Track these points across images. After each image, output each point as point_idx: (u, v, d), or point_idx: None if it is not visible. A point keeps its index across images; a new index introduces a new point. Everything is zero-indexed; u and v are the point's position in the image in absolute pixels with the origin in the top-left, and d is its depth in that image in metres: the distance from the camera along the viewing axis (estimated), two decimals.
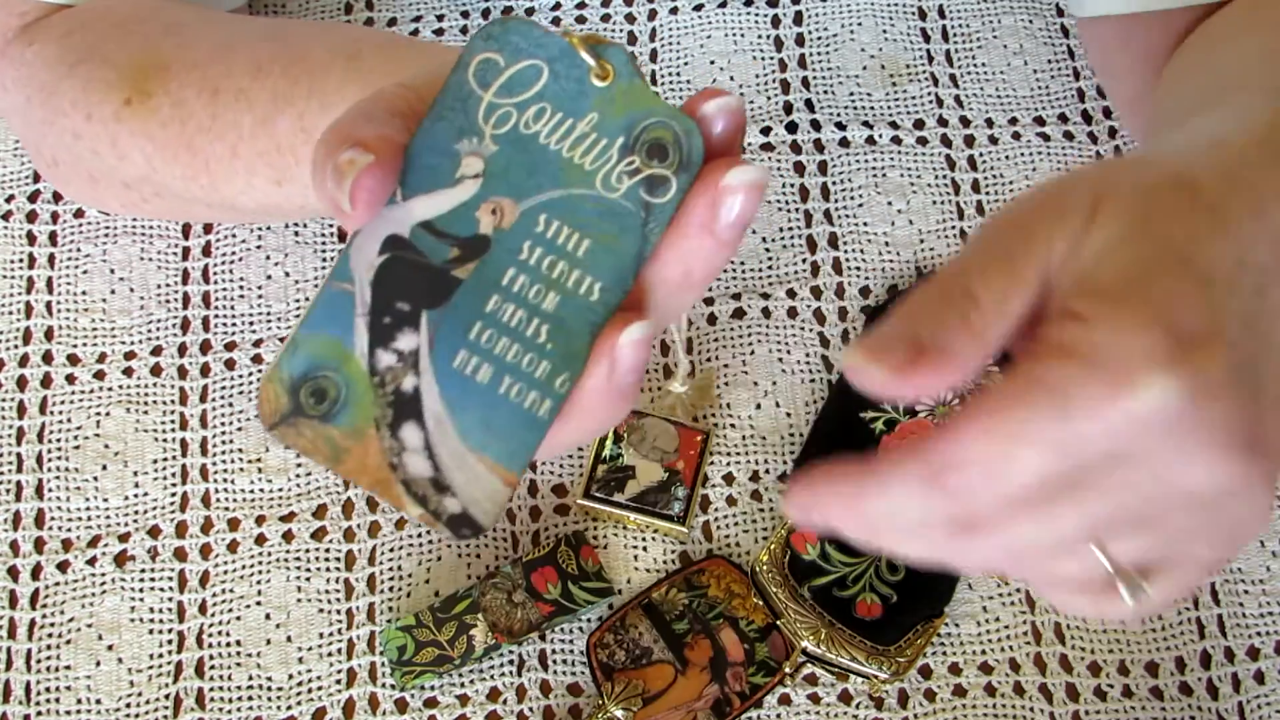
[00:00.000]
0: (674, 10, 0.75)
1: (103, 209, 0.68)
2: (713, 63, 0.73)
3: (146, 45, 0.56)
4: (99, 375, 0.67)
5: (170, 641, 0.61)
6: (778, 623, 0.60)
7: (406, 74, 0.40)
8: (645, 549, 0.62)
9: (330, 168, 0.35)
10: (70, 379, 0.67)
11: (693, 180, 0.35)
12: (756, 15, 0.74)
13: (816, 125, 0.71)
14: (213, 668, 0.61)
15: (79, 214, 0.71)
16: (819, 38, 0.74)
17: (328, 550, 0.63)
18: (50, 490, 0.64)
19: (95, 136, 0.56)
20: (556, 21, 0.75)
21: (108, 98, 0.55)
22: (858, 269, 0.68)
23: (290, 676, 0.60)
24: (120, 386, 0.66)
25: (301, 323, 0.37)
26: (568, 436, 0.37)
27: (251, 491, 0.64)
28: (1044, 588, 0.37)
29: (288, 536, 0.63)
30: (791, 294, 0.67)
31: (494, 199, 0.36)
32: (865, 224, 0.69)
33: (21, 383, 0.67)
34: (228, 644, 0.61)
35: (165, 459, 0.65)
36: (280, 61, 0.51)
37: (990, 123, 0.72)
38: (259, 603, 0.62)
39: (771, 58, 0.74)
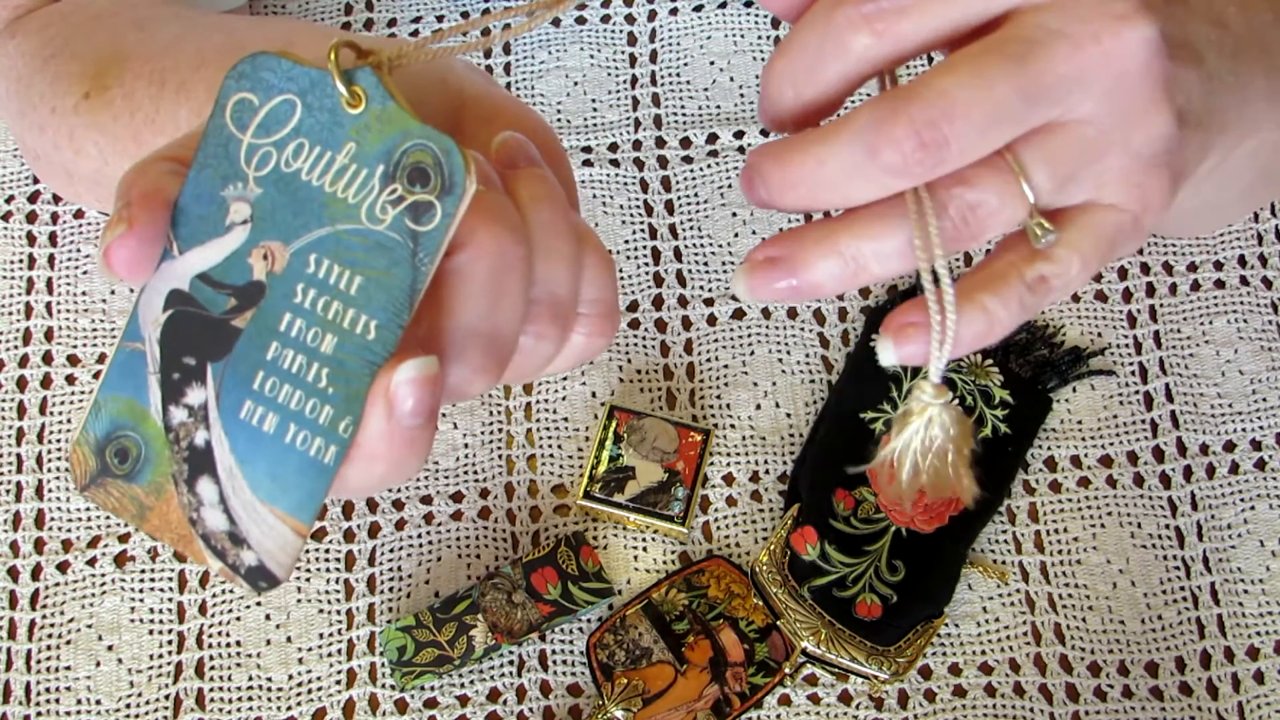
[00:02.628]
0: (674, 10, 0.75)
1: (83, 205, 0.69)
2: (712, 63, 0.73)
3: (113, 39, 0.56)
4: (99, 375, 0.67)
5: (170, 642, 0.61)
6: (778, 623, 0.60)
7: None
8: (645, 549, 0.62)
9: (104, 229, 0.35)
10: (70, 379, 0.67)
11: (458, 203, 0.33)
12: (756, 15, 0.74)
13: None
14: (213, 668, 0.61)
15: (79, 214, 0.71)
16: None
17: (327, 551, 0.63)
18: (50, 491, 0.64)
19: (56, 130, 0.57)
20: (556, 22, 0.75)
21: (70, 91, 0.56)
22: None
23: (290, 677, 0.60)
24: None
25: (100, 384, 0.37)
26: (361, 480, 0.35)
27: None
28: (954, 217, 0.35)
29: None
30: None
31: (264, 243, 0.35)
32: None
33: (21, 383, 0.67)
34: (228, 644, 0.61)
35: None
36: (220, 52, 0.51)
37: None
38: (259, 603, 0.62)
39: None
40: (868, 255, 0.35)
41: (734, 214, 0.70)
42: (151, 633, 0.61)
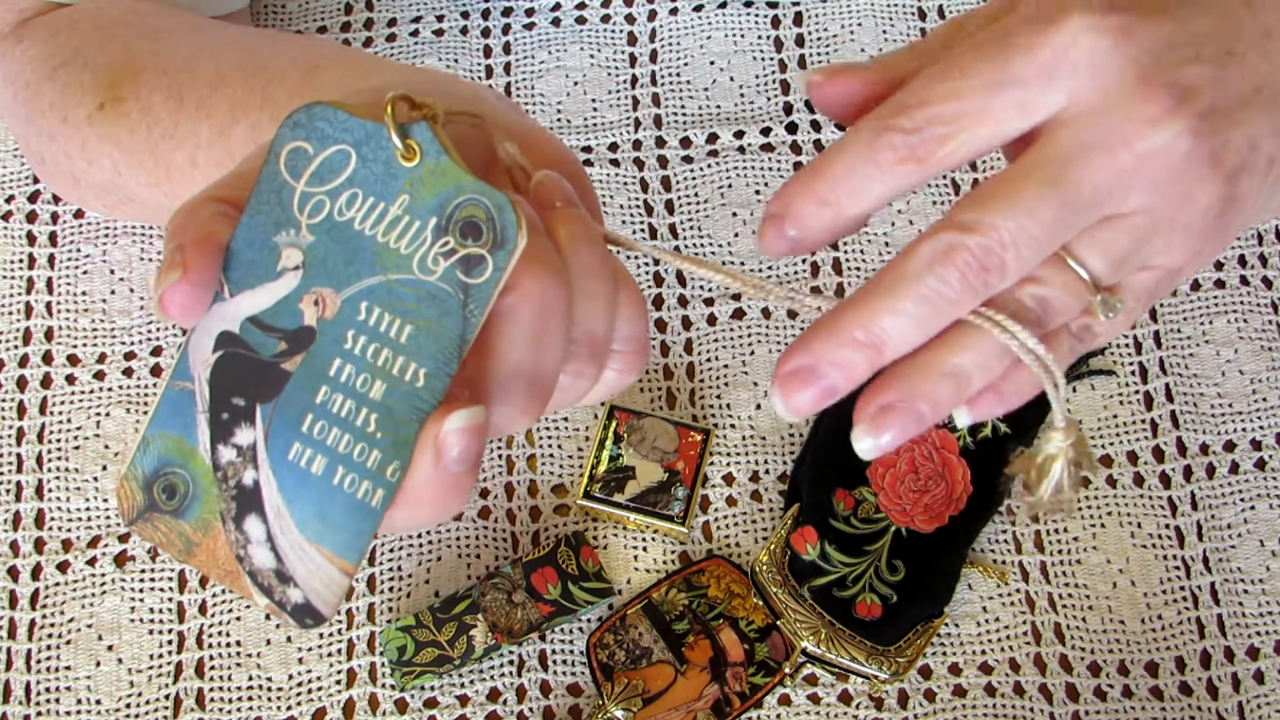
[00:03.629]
0: (674, 10, 0.75)
1: (87, 208, 0.69)
2: (713, 63, 0.73)
3: (125, 50, 0.56)
4: (99, 375, 0.67)
5: (170, 642, 0.61)
6: (778, 623, 0.60)
7: (363, 84, 0.40)
8: (645, 549, 0.62)
9: (158, 271, 0.36)
10: (70, 379, 0.67)
11: (509, 257, 0.34)
12: (756, 15, 0.74)
13: (817, 125, 0.71)
14: (213, 668, 0.61)
15: (79, 214, 0.71)
16: (819, 38, 0.74)
17: None
18: (50, 490, 0.64)
19: (68, 139, 0.57)
20: (556, 23, 0.75)
21: (83, 101, 0.55)
22: (858, 269, 0.68)
23: (290, 677, 0.60)
24: (120, 387, 0.66)
25: (149, 421, 0.37)
26: (407, 523, 0.36)
27: None
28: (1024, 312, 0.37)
29: None
30: None
31: (315, 290, 0.36)
32: (865, 224, 0.69)
33: (21, 383, 0.67)
34: (228, 644, 0.61)
35: None
36: (243, 71, 0.51)
37: None
38: None
39: (771, 58, 0.74)
40: (971, 368, 0.37)
41: (734, 214, 0.70)
42: (151, 633, 0.61)
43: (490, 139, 0.39)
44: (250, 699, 0.60)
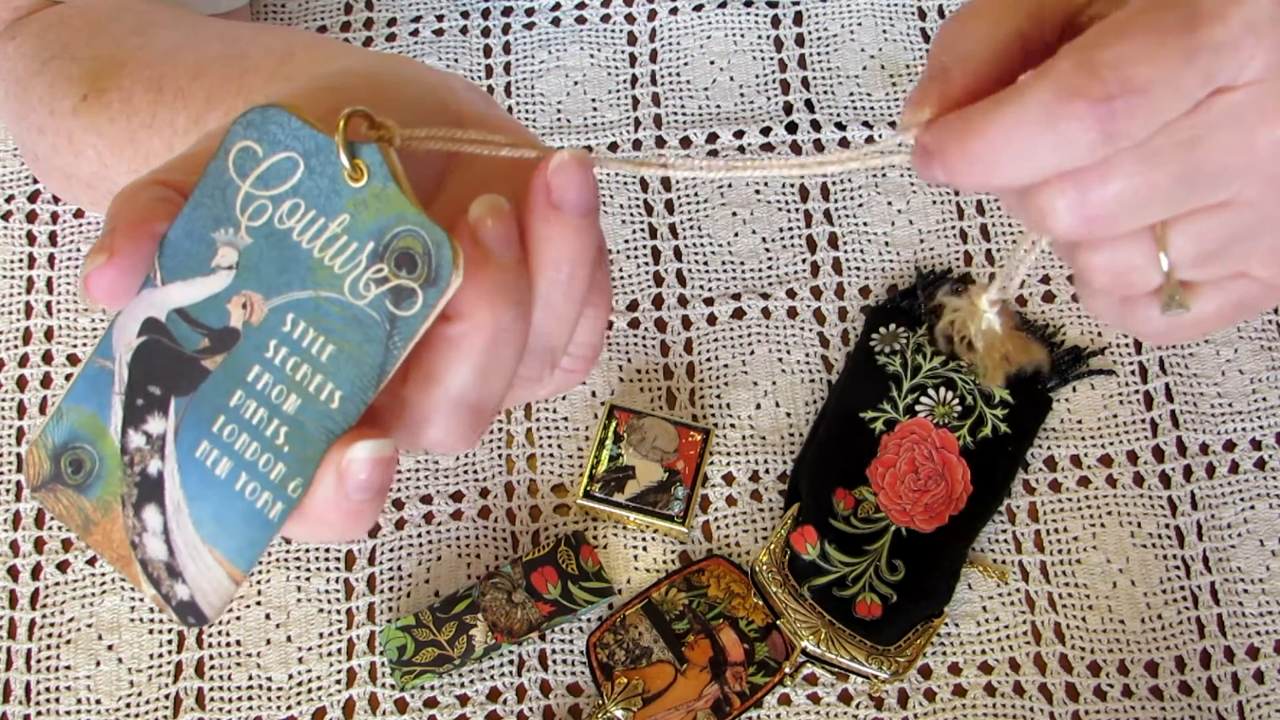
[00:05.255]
0: (674, 10, 0.75)
1: (81, 206, 0.69)
2: (713, 63, 0.73)
3: (112, 43, 0.56)
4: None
5: (170, 641, 0.61)
6: (778, 623, 0.60)
7: (332, 68, 0.39)
8: (645, 549, 0.62)
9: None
10: (70, 379, 0.67)
11: (440, 295, 0.33)
12: (756, 15, 0.74)
13: (816, 125, 0.71)
14: (213, 668, 0.61)
15: (79, 214, 0.71)
16: (819, 38, 0.74)
17: (327, 550, 0.63)
18: None
19: (55, 132, 0.57)
20: (556, 22, 0.75)
21: (68, 94, 0.56)
22: (858, 269, 0.68)
23: (290, 676, 0.60)
24: None
25: (66, 393, 0.37)
26: (306, 537, 0.36)
27: None
28: (1089, 268, 0.35)
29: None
30: (791, 294, 0.68)
31: (245, 292, 0.35)
32: (865, 224, 0.69)
33: (21, 383, 0.67)
34: (227, 644, 0.61)
35: None
36: (221, 61, 0.51)
37: None
38: (259, 602, 0.62)
39: (771, 58, 0.74)
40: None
41: (734, 213, 0.70)
42: (151, 632, 0.61)
43: (448, 156, 0.37)
44: (250, 698, 0.60)
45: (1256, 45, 0.32)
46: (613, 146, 0.71)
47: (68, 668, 0.61)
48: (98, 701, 0.60)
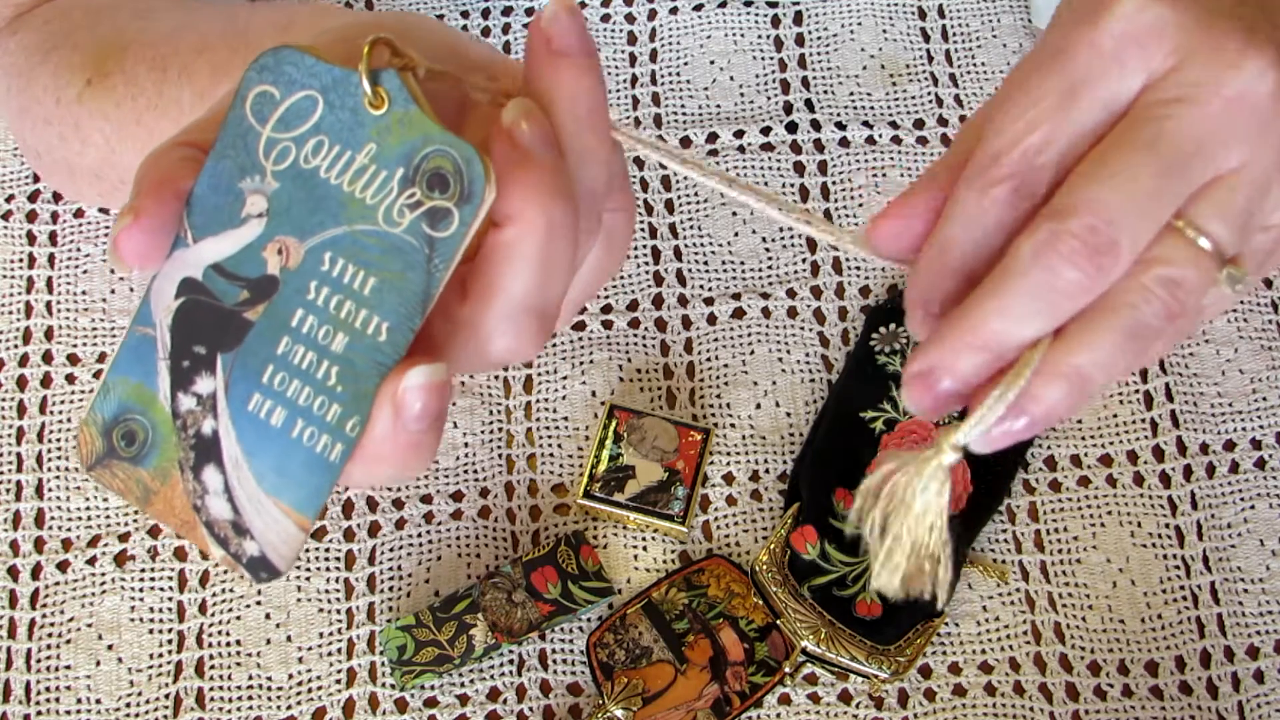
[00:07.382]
0: (674, 10, 0.75)
1: (84, 201, 0.69)
2: (713, 63, 0.73)
3: (114, 29, 0.56)
4: (99, 375, 0.67)
5: (170, 641, 0.61)
6: (778, 622, 0.60)
7: (337, 22, 0.39)
8: (645, 549, 0.62)
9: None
10: (70, 379, 0.67)
11: (475, 212, 0.33)
12: (756, 15, 0.74)
13: (816, 125, 0.71)
14: (213, 667, 0.61)
15: (79, 213, 0.71)
16: (819, 38, 0.74)
17: (328, 550, 0.63)
18: (50, 490, 0.64)
19: (61, 120, 0.57)
20: None
21: (72, 81, 0.56)
22: (858, 269, 0.68)
23: (290, 676, 0.60)
24: None
25: (110, 366, 0.37)
26: (366, 478, 0.36)
27: None
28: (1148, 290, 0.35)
29: None
30: (791, 294, 0.68)
31: (279, 238, 0.35)
32: (866, 224, 0.69)
33: (21, 383, 0.67)
34: (228, 644, 0.61)
35: None
36: (224, 36, 0.51)
37: None
38: (259, 602, 0.62)
39: (771, 58, 0.74)
40: (1089, 367, 0.34)
41: (734, 213, 0.70)
42: (151, 632, 0.61)
43: (462, 104, 0.38)
44: (250, 698, 0.60)
45: (1142, 50, 0.34)
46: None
47: (68, 667, 0.61)
48: (98, 701, 0.60)
